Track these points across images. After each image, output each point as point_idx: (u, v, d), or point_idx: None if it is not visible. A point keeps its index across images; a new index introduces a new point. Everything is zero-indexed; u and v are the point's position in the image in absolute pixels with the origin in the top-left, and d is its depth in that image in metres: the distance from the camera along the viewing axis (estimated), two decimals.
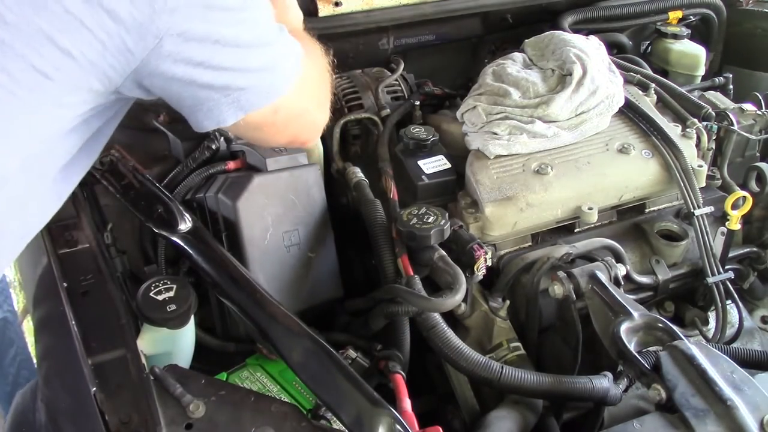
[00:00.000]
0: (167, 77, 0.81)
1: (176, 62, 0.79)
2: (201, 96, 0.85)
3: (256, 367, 1.27)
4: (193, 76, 0.82)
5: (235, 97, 0.86)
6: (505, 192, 1.34)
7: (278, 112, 0.93)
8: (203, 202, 1.34)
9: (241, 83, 0.85)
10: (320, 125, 1.08)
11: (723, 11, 2.06)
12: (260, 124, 0.94)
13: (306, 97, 0.98)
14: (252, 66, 0.86)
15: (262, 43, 0.87)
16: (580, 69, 1.44)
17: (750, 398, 0.93)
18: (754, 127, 1.66)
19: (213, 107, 0.87)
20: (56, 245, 1.09)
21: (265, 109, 0.90)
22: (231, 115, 0.88)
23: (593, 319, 1.15)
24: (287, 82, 0.91)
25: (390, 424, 0.87)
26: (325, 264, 1.38)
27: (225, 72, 0.83)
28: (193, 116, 0.89)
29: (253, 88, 0.87)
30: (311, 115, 1.04)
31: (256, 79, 0.87)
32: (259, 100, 0.88)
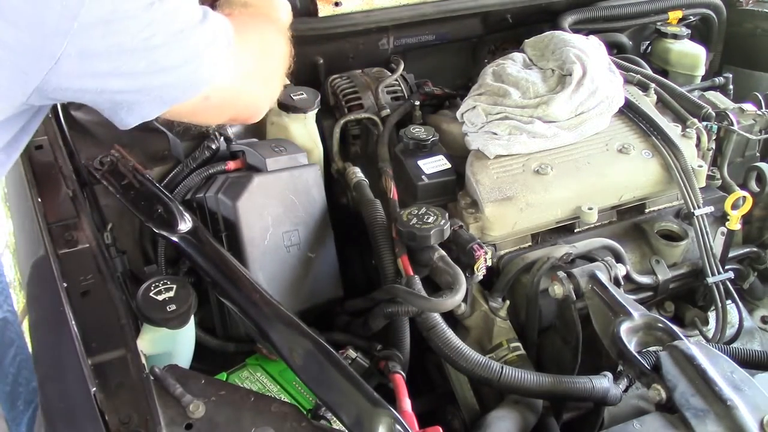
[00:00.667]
0: (76, 90, 0.80)
1: (81, 77, 0.78)
2: (118, 99, 0.84)
3: (256, 367, 1.27)
4: (104, 86, 0.80)
5: (157, 94, 0.85)
6: (505, 192, 1.34)
7: (209, 98, 0.91)
8: (203, 202, 1.34)
9: (158, 82, 0.83)
10: (264, 101, 1.07)
11: (723, 11, 2.06)
12: (192, 112, 0.94)
13: (241, 78, 0.96)
14: (168, 64, 0.83)
15: (179, 38, 0.83)
16: (580, 69, 1.44)
17: (750, 398, 0.93)
18: (754, 127, 1.66)
19: (134, 105, 0.85)
20: (56, 245, 1.08)
21: (192, 99, 0.88)
22: (155, 110, 0.87)
23: (593, 319, 1.15)
24: (213, 70, 0.88)
25: (390, 424, 0.87)
26: (325, 264, 1.38)
27: (138, 76, 0.81)
28: (114, 117, 0.88)
29: (174, 83, 0.85)
30: (250, 95, 1.02)
31: (176, 75, 0.85)
32: (183, 93, 0.87)
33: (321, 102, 1.54)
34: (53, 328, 0.98)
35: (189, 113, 0.94)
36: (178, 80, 0.85)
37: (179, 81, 0.85)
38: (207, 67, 0.88)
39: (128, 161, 1.32)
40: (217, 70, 0.89)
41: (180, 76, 0.85)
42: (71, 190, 1.20)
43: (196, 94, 0.88)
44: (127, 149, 1.36)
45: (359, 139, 1.65)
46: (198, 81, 0.87)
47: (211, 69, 0.88)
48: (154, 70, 0.81)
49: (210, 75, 0.88)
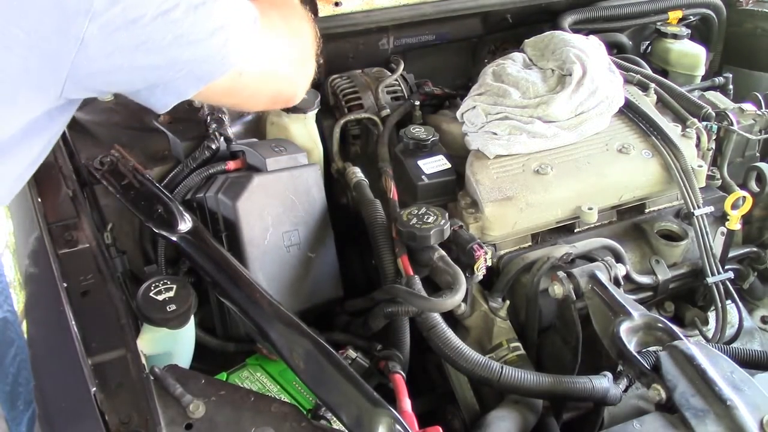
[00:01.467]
0: (108, 71, 0.79)
1: (110, 55, 0.77)
2: (151, 77, 0.83)
3: (256, 367, 1.27)
4: (134, 62, 0.80)
5: (189, 69, 0.83)
6: (505, 192, 1.34)
7: (243, 74, 0.90)
8: (203, 202, 1.34)
9: (189, 56, 0.82)
10: (300, 81, 1.06)
11: (723, 11, 2.06)
12: (229, 90, 0.92)
13: (273, 56, 0.96)
14: (194, 36, 0.82)
15: (200, 11, 0.82)
16: (580, 69, 1.44)
17: (750, 398, 0.93)
18: (754, 127, 1.66)
19: (168, 83, 0.85)
20: (56, 245, 1.09)
21: (226, 75, 0.87)
22: (190, 87, 0.86)
23: (593, 319, 1.15)
24: (243, 44, 0.88)
25: (390, 424, 0.87)
26: (325, 264, 1.38)
27: (167, 49, 0.80)
28: (152, 98, 0.88)
29: (205, 57, 0.84)
30: (286, 74, 1.01)
31: (206, 47, 0.84)
32: (215, 67, 0.86)
33: (321, 102, 1.54)
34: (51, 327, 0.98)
35: (226, 93, 0.92)
36: (207, 53, 0.84)
37: (209, 54, 0.84)
38: (236, 41, 0.86)
39: (128, 161, 1.32)
40: (247, 46, 0.88)
41: (209, 49, 0.84)
42: (71, 190, 1.20)
43: (229, 69, 0.87)
44: (127, 149, 1.36)
45: (359, 139, 1.65)
46: (228, 55, 0.86)
47: (241, 43, 0.87)
48: (181, 42, 0.81)
49: (240, 49, 0.87)
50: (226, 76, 0.87)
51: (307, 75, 1.08)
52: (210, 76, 0.86)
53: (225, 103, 1.07)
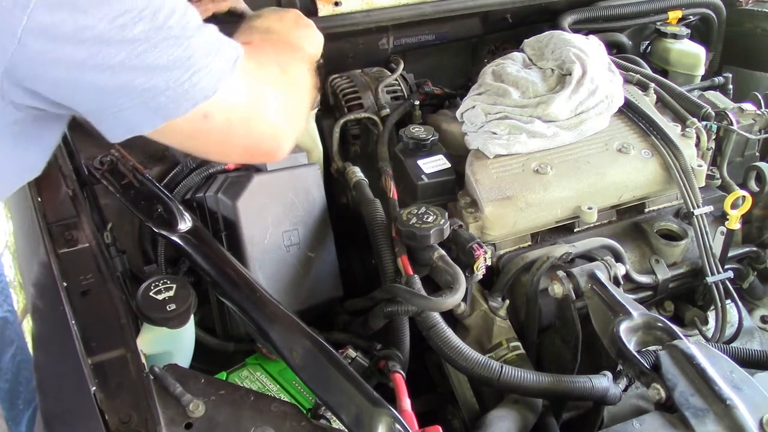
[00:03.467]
0: (51, 80, 0.72)
1: (52, 62, 0.70)
2: (100, 100, 0.75)
3: (256, 366, 1.27)
4: (79, 78, 0.72)
5: (142, 100, 0.75)
6: (505, 192, 1.34)
7: (209, 117, 0.80)
8: (203, 202, 1.34)
9: (142, 83, 0.73)
10: (284, 134, 0.92)
11: (723, 11, 2.06)
12: (193, 133, 0.82)
13: (255, 101, 0.86)
14: (154, 62, 0.73)
15: (166, 36, 0.74)
16: (580, 69, 1.44)
17: (749, 398, 0.93)
18: (754, 127, 1.66)
19: (118, 113, 0.76)
20: (56, 245, 1.09)
21: (188, 114, 0.78)
22: (145, 122, 0.77)
23: (593, 318, 1.15)
24: (214, 83, 0.78)
25: (390, 424, 0.87)
26: (325, 264, 1.38)
27: (117, 71, 0.72)
28: (101, 125, 0.80)
29: (162, 88, 0.75)
30: (266, 123, 0.88)
31: (164, 78, 0.74)
32: (174, 103, 0.76)
33: (321, 102, 1.54)
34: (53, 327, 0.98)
35: (190, 134, 0.82)
36: (165, 84, 0.74)
37: (167, 86, 0.75)
38: (206, 78, 0.77)
39: (128, 161, 1.32)
40: (221, 86, 0.79)
41: (169, 81, 0.74)
42: (71, 189, 1.20)
43: (190, 108, 0.77)
44: (127, 149, 1.36)
45: (359, 138, 1.65)
46: (193, 92, 0.76)
47: (212, 82, 0.78)
48: (135, 65, 0.72)
49: (209, 88, 0.78)
50: (188, 115, 0.78)
51: (296, 126, 0.96)
52: (166, 112, 0.76)
53: (190, 148, 0.91)
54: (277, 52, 0.98)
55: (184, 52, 0.75)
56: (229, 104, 0.82)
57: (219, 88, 0.79)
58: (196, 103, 0.78)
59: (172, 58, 0.74)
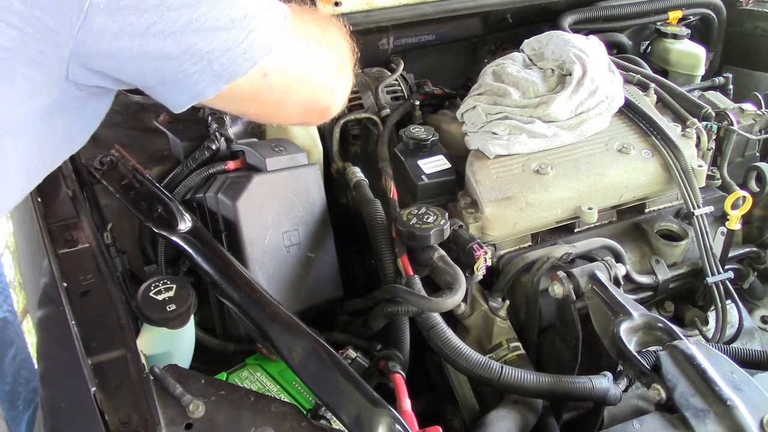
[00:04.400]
0: (116, 55, 0.72)
1: (116, 36, 0.70)
2: (164, 68, 0.75)
3: (256, 367, 1.27)
4: (143, 48, 0.71)
5: (206, 63, 0.75)
6: (505, 192, 1.34)
7: (268, 75, 0.81)
8: (203, 202, 1.34)
9: (204, 45, 0.74)
10: (338, 89, 0.94)
11: (723, 11, 2.06)
12: (253, 94, 0.83)
13: (306, 59, 0.86)
14: (214, 24, 0.74)
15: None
16: (580, 69, 1.44)
17: (750, 398, 0.93)
18: (754, 127, 1.66)
19: (182, 79, 0.76)
20: (56, 245, 1.08)
21: (249, 74, 0.78)
22: (209, 86, 0.77)
23: (593, 319, 1.15)
24: (269, 40, 0.79)
25: (390, 424, 0.87)
26: (325, 264, 1.38)
27: (180, 35, 0.72)
28: (166, 95, 0.79)
29: (223, 49, 0.75)
30: (319, 77, 0.90)
31: (225, 39, 0.75)
32: (236, 63, 0.76)
33: None
34: (54, 328, 0.98)
35: (250, 97, 0.83)
36: (227, 45, 0.74)
37: (228, 46, 0.75)
38: (262, 36, 0.77)
39: (128, 161, 1.32)
40: (275, 43, 0.79)
41: (229, 41, 0.75)
42: (71, 190, 1.20)
43: (252, 67, 0.78)
44: (127, 149, 1.36)
45: (359, 139, 1.65)
46: (252, 50, 0.77)
47: (268, 39, 0.78)
48: (197, 28, 0.72)
49: (266, 45, 0.78)
50: (249, 75, 0.78)
51: (346, 84, 0.97)
52: (229, 73, 0.77)
53: (251, 111, 0.94)
54: (315, 17, 0.98)
55: (240, 12, 0.76)
56: (285, 61, 0.83)
57: (274, 45, 0.79)
58: (255, 62, 0.78)
59: (230, 18, 0.75)
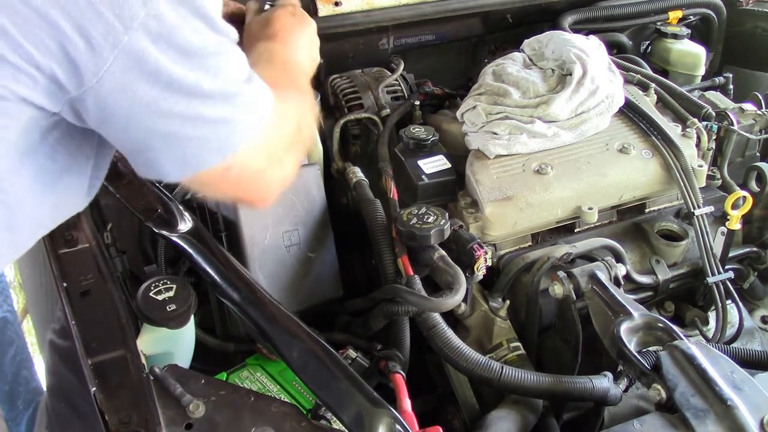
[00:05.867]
0: (106, 111, 0.73)
1: (118, 94, 0.71)
2: (145, 142, 0.77)
3: (256, 367, 1.27)
4: (137, 117, 0.73)
5: (181, 149, 0.77)
6: (505, 192, 1.34)
7: (230, 169, 0.81)
8: (203, 202, 1.34)
9: (188, 132, 0.75)
10: (276, 185, 0.93)
11: (723, 11, 2.06)
12: (208, 181, 0.84)
13: (266, 154, 0.86)
14: (205, 116, 0.76)
15: (223, 95, 0.77)
16: (580, 69, 1.44)
17: (750, 398, 0.93)
18: (754, 127, 1.66)
19: (154, 158, 0.78)
20: (56, 245, 1.08)
21: (215, 166, 0.79)
22: (174, 170, 0.79)
23: (593, 319, 1.15)
24: (244, 138, 0.80)
25: (390, 424, 0.87)
26: (325, 264, 1.38)
27: (171, 119, 0.74)
28: (132, 158, 0.81)
29: (203, 140, 0.77)
30: (268, 175, 0.90)
31: (207, 131, 0.77)
32: (208, 155, 0.78)
33: (321, 102, 1.54)
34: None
35: (202, 182, 0.84)
36: (207, 138, 0.77)
37: (209, 139, 0.77)
38: (239, 133, 0.79)
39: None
40: (247, 140, 0.80)
41: (211, 134, 0.77)
42: None
43: (219, 161, 0.79)
44: None
45: (359, 139, 1.65)
46: (226, 145, 0.79)
47: (242, 136, 0.80)
48: (189, 116, 0.74)
49: (237, 142, 0.79)
50: (214, 167, 0.80)
51: (287, 177, 0.95)
52: (198, 163, 0.78)
53: (191, 188, 0.97)
54: (298, 104, 0.97)
55: (232, 110, 0.78)
56: (248, 158, 0.83)
57: (244, 141, 0.80)
58: (224, 157, 0.79)
59: (221, 114, 0.77)
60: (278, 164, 0.90)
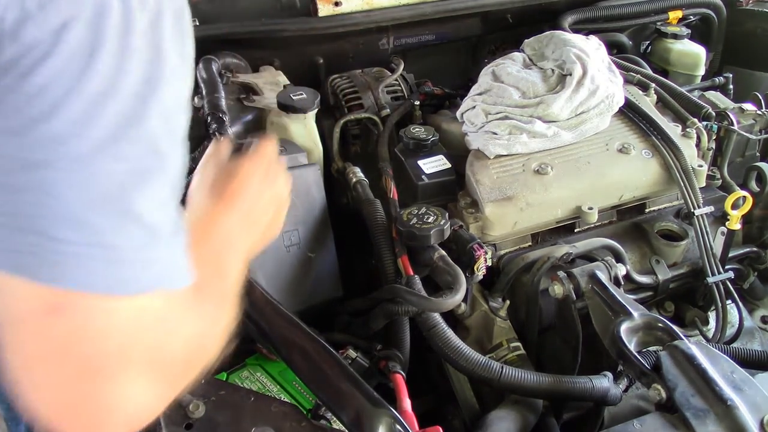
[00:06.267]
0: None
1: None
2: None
3: (256, 367, 1.26)
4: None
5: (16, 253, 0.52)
6: (505, 192, 1.34)
7: (56, 314, 0.52)
8: None
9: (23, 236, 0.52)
10: (114, 410, 0.56)
11: (723, 11, 2.06)
12: (15, 320, 0.53)
13: (127, 347, 0.56)
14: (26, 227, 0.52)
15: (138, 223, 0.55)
16: (580, 69, 1.44)
17: (750, 398, 0.93)
18: (754, 127, 1.66)
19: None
20: None
21: (37, 292, 0.52)
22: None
23: (593, 319, 1.15)
24: (116, 283, 0.54)
25: (390, 424, 0.87)
26: (325, 264, 1.38)
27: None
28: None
29: (22, 250, 0.52)
30: (112, 383, 0.55)
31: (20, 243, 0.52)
32: (37, 268, 0.52)
33: (321, 102, 1.54)
34: None
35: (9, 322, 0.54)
36: (25, 251, 0.52)
37: (28, 253, 0.52)
38: (114, 271, 0.54)
39: None
40: (112, 293, 0.54)
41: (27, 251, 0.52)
42: None
43: (49, 281, 0.52)
44: None
45: (359, 139, 1.65)
46: (71, 270, 0.52)
47: (117, 279, 0.55)
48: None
49: (101, 283, 0.54)
50: (43, 290, 0.53)
51: (159, 402, 0.61)
52: (19, 269, 0.53)
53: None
54: (213, 315, 0.70)
55: (121, 241, 0.55)
56: (95, 322, 0.54)
57: (109, 287, 0.54)
58: (60, 282, 0.52)
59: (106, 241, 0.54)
60: (138, 377, 0.57)
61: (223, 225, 0.83)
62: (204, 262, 0.65)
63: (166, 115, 0.57)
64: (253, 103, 1.56)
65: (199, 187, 0.91)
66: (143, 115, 0.55)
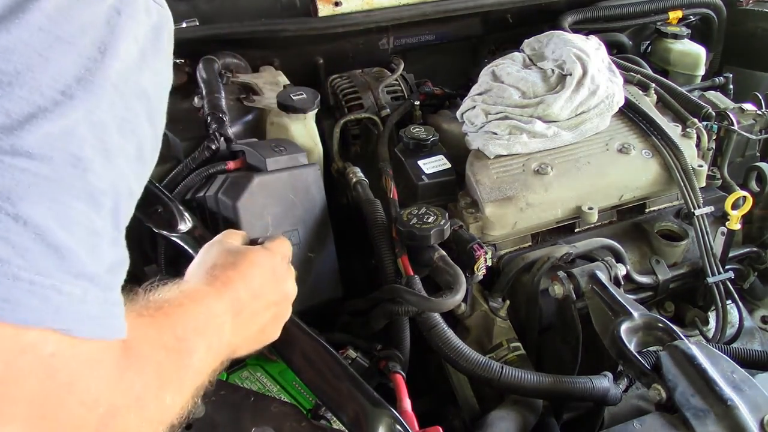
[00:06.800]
0: None
1: None
2: None
3: (256, 367, 1.26)
4: None
5: None
6: (505, 192, 1.34)
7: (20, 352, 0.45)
8: (203, 202, 1.33)
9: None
10: None
11: (723, 11, 2.06)
12: None
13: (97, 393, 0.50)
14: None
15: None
16: (580, 69, 1.44)
17: (750, 398, 0.93)
18: (755, 127, 1.66)
19: None
20: None
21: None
22: None
23: (593, 319, 1.15)
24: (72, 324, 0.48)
25: (390, 424, 0.87)
26: (325, 264, 1.38)
27: None
28: None
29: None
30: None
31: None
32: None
33: (321, 102, 1.54)
34: None
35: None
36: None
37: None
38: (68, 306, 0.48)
39: None
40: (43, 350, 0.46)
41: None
42: None
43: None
44: None
45: (359, 139, 1.65)
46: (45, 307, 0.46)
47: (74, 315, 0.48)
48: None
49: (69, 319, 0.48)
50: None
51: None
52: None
53: None
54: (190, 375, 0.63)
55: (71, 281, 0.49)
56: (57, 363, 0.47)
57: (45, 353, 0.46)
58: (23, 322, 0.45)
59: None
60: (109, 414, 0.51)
61: (206, 307, 0.72)
62: (158, 331, 0.59)
63: (100, 126, 0.51)
64: (253, 103, 1.56)
65: (198, 266, 0.83)
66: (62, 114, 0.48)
